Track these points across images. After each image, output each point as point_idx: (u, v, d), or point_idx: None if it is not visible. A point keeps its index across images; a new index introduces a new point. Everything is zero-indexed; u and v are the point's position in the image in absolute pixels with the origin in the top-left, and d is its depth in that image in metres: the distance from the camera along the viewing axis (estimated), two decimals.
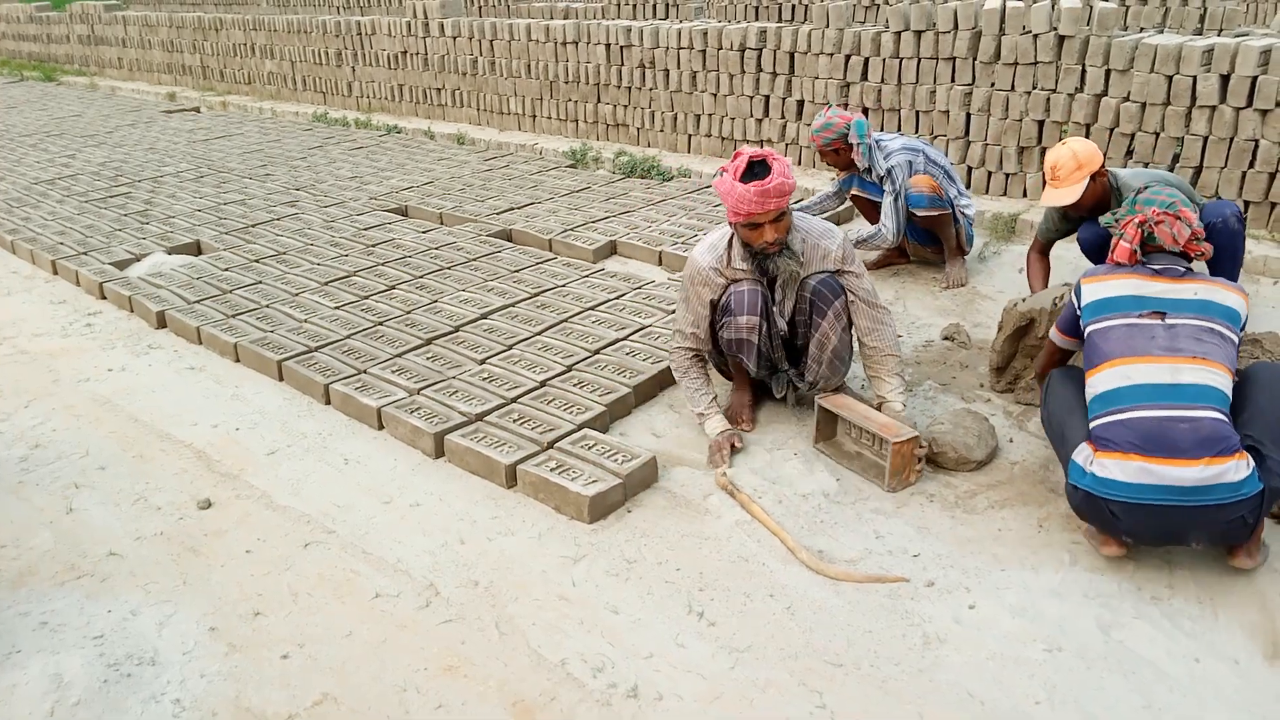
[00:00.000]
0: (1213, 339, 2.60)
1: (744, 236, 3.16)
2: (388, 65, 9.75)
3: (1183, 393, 2.50)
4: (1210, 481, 2.39)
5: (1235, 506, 2.41)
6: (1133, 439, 2.48)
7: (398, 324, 4.30)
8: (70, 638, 2.52)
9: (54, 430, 3.64)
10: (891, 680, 2.29)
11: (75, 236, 5.86)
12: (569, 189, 6.68)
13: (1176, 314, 2.64)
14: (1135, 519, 2.48)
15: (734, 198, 3.02)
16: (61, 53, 15.30)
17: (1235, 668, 2.29)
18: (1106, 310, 2.73)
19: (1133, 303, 2.70)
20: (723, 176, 3.07)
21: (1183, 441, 2.43)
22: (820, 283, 3.25)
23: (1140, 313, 2.67)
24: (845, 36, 6.45)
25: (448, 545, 2.86)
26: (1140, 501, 2.45)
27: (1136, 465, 2.45)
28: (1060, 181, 3.69)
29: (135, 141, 9.05)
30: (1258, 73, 4.90)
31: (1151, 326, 2.64)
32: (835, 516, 2.92)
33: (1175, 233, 2.73)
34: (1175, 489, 2.41)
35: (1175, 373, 2.53)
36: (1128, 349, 2.62)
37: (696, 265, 3.30)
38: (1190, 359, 2.55)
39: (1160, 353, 2.58)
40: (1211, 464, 2.40)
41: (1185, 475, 2.40)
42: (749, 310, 3.23)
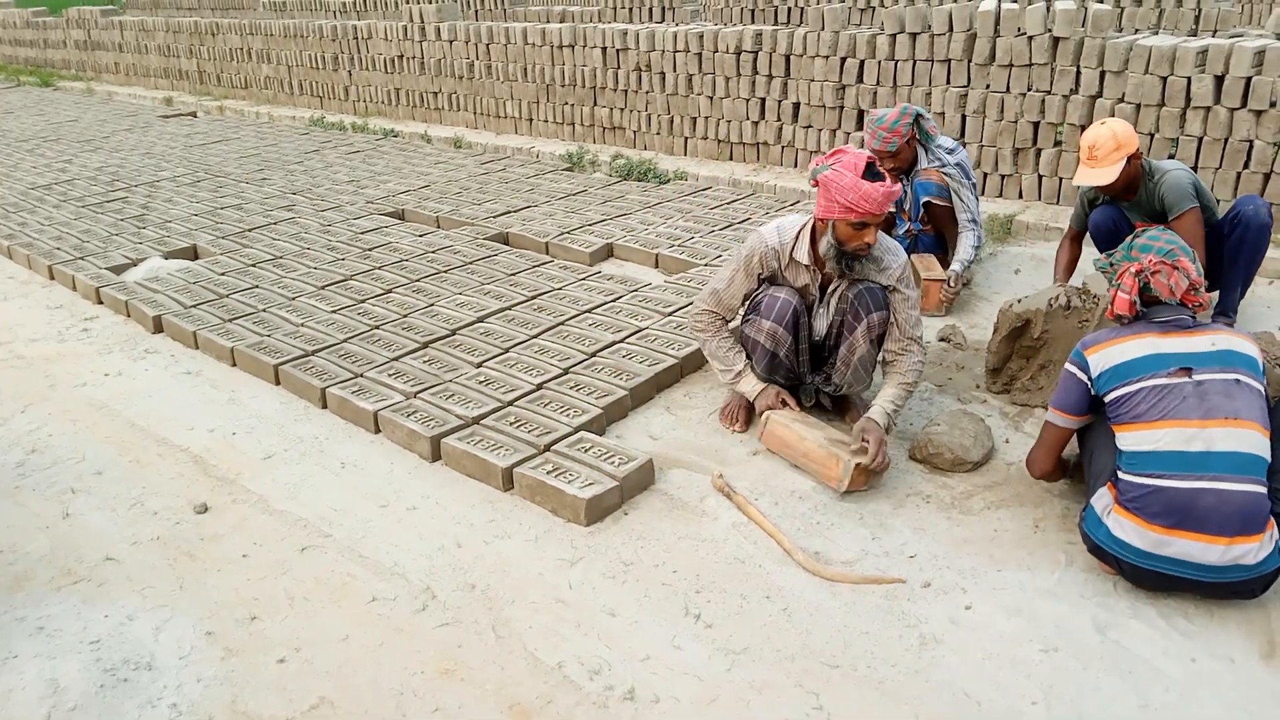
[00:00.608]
0: (1242, 393, 2.45)
1: (842, 235, 3.05)
2: (384, 69, 9.76)
3: (1214, 463, 2.37)
4: (1229, 563, 2.34)
5: (1248, 583, 2.39)
6: (1157, 509, 2.39)
7: (394, 327, 4.30)
8: (67, 643, 2.52)
9: (50, 435, 3.64)
10: (888, 681, 2.29)
11: (72, 241, 5.86)
12: (566, 192, 6.69)
13: (1201, 369, 2.47)
14: (1142, 577, 2.48)
15: (855, 194, 2.92)
16: (58, 58, 15.30)
17: (1231, 667, 2.29)
18: (1128, 375, 2.53)
19: (1156, 362, 2.51)
20: (836, 170, 2.97)
21: (1209, 517, 2.34)
22: (865, 290, 3.18)
23: (1167, 371, 2.48)
24: (841, 39, 6.46)
25: (444, 549, 2.86)
26: (1150, 568, 2.43)
27: (1156, 537, 2.39)
28: (1098, 161, 3.67)
29: (132, 146, 9.06)
30: (1252, 73, 4.92)
31: (1180, 386, 2.46)
32: (831, 518, 2.92)
33: (1173, 284, 2.55)
34: (1190, 565, 2.38)
35: (1208, 440, 2.39)
36: (1158, 412, 2.45)
37: (761, 240, 3.25)
38: (1224, 420, 2.40)
39: (1193, 415, 2.41)
40: (1234, 544, 2.33)
41: (1205, 555, 2.35)
42: (776, 318, 3.21)
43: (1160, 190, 3.80)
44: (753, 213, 5.95)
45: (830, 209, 3.01)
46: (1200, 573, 2.38)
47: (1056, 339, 3.47)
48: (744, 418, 3.47)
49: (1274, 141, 4.93)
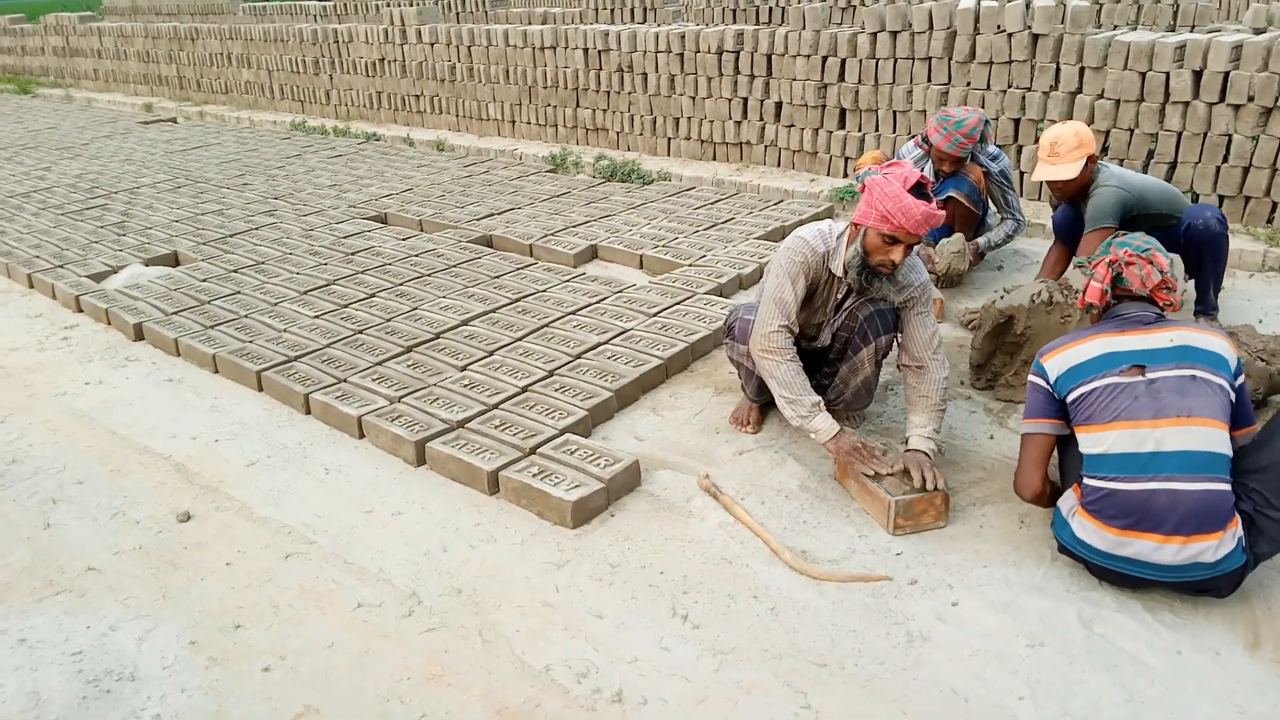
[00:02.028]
0: (1198, 389, 2.41)
1: (870, 245, 2.91)
2: (365, 73, 9.72)
3: (1165, 463, 2.36)
4: (1185, 561, 2.35)
5: (1210, 580, 2.40)
6: (1113, 512, 2.41)
7: (378, 332, 4.28)
8: (48, 654, 2.49)
9: (30, 445, 3.60)
10: (876, 679, 2.29)
11: (51, 249, 5.81)
12: (549, 194, 6.68)
13: (1156, 366, 2.45)
14: (1108, 577, 2.52)
15: (896, 205, 2.78)
16: (36, 65, 15.19)
17: (1216, 659, 2.30)
18: (1082, 375, 2.53)
19: (1109, 360, 2.50)
20: (885, 178, 2.84)
21: (1163, 518, 2.35)
22: (877, 313, 3.10)
23: (1119, 369, 2.48)
24: (822, 38, 6.47)
25: (430, 553, 2.85)
26: (1113, 569, 2.47)
27: (1114, 538, 2.41)
28: (1060, 158, 3.79)
29: (111, 153, 8.99)
30: (1229, 68, 4.95)
31: (1132, 385, 2.44)
32: (818, 516, 2.92)
33: (1144, 275, 2.56)
34: (1148, 565, 2.40)
35: (1159, 440, 2.37)
36: (1110, 413, 2.45)
37: (806, 244, 3.06)
38: (1175, 419, 2.38)
39: (1144, 415, 2.40)
40: (1189, 542, 2.33)
41: (1160, 554, 2.36)
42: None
43: (1091, 201, 3.87)
44: (736, 212, 5.95)
45: (867, 214, 2.87)
46: (1158, 572, 2.39)
47: (1039, 335, 3.48)
48: (756, 419, 3.44)
49: (1252, 135, 4.97)
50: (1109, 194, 3.81)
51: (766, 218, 5.81)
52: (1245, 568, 2.40)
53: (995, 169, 4.61)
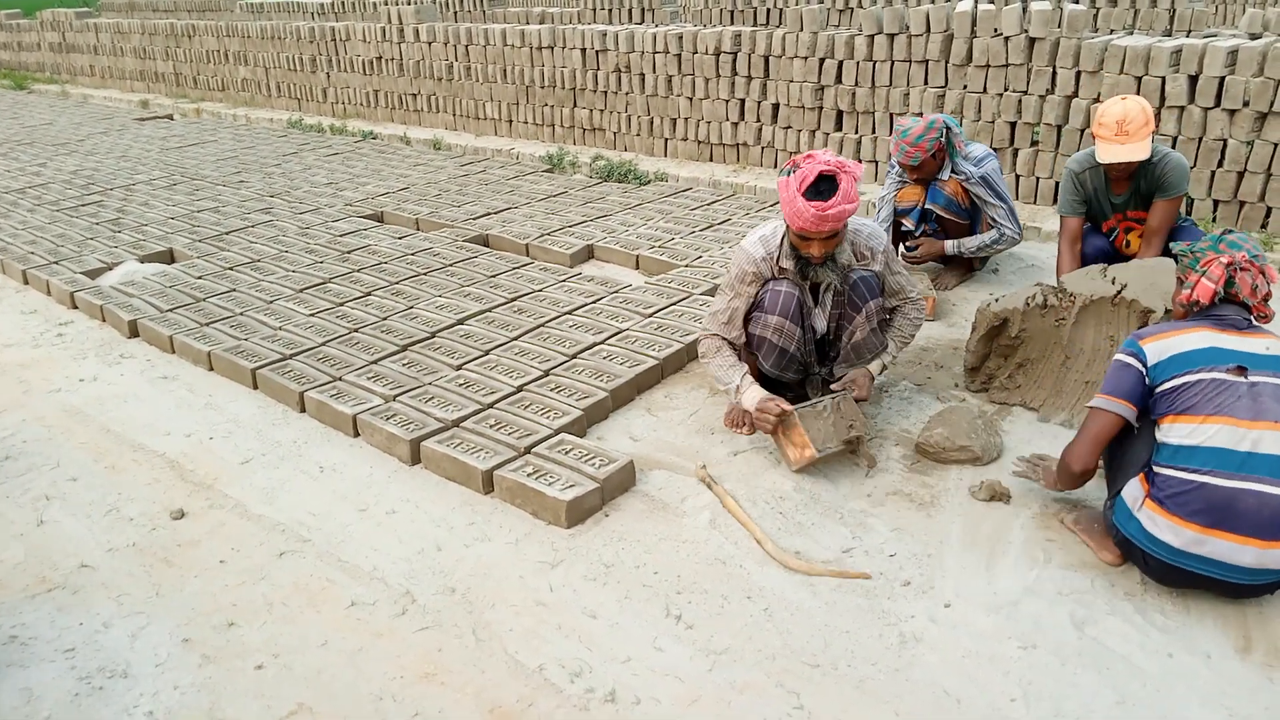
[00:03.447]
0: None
1: (795, 242, 3.14)
2: (363, 71, 9.71)
3: (1259, 464, 2.33)
4: (1261, 566, 2.32)
5: (1271, 585, 2.40)
6: (1196, 507, 2.35)
7: (373, 330, 4.28)
8: (41, 651, 2.49)
9: (24, 442, 3.59)
10: (868, 680, 2.29)
11: (46, 246, 5.80)
12: (546, 193, 6.68)
13: (1257, 370, 2.42)
14: (1168, 574, 2.46)
15: (792, 210, 2.96)
16: (32, 60, 15.15)
17: (1208, 662, 2.31)
18: (1188, 365, 2.47)
19: (1215, 355, 2.46)
20: (787, 179, 2.98)
21: (1247, 518, 2.31)
22: (861, 280, 3.24)
23: (1225, 367, 2.43)
24: (819, 40, 6.48)
25: (424, 552, 2.85)
26: (1180, 566, 2.41)
27: (1192, 535, 2.36)
28: (1130, 136, 3.56)
29: (107, 149, 8.97)
30: (1225, 73, 4.97)
31: (1236, 384, 2.41)
32: (812, 517, 2.93)
33: (1256, 284, 2.52)
34: (1222, 565, 2.35)
35: (1255, 442, 2.35)
36: (1210, 406, 2.40)
37: (746, 255, 3.26)
38: (1273, 424, 2.36)
39: (1244, 415, 2.37)
40: (1269, 548, 2.30)
41: (1240, 556, 2.32)
42: (781, 312, 3.22)
43: (1163, 168, 3.77)
44: (733, 213, 5.96)
45: (783, 214, 3.08)
46: (1231, 573, 2.36)
47: (1034, 337, 3.49)
48: (750, 421, 3.46)
49: (1247, 140, 4.99)
50: (1181, 160, 3.73)
51: (763, 219, 5.81)
52: None
53: (975, 174, 4.44)
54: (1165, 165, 3.80)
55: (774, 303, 3.23)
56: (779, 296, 3.23)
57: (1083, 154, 4.04)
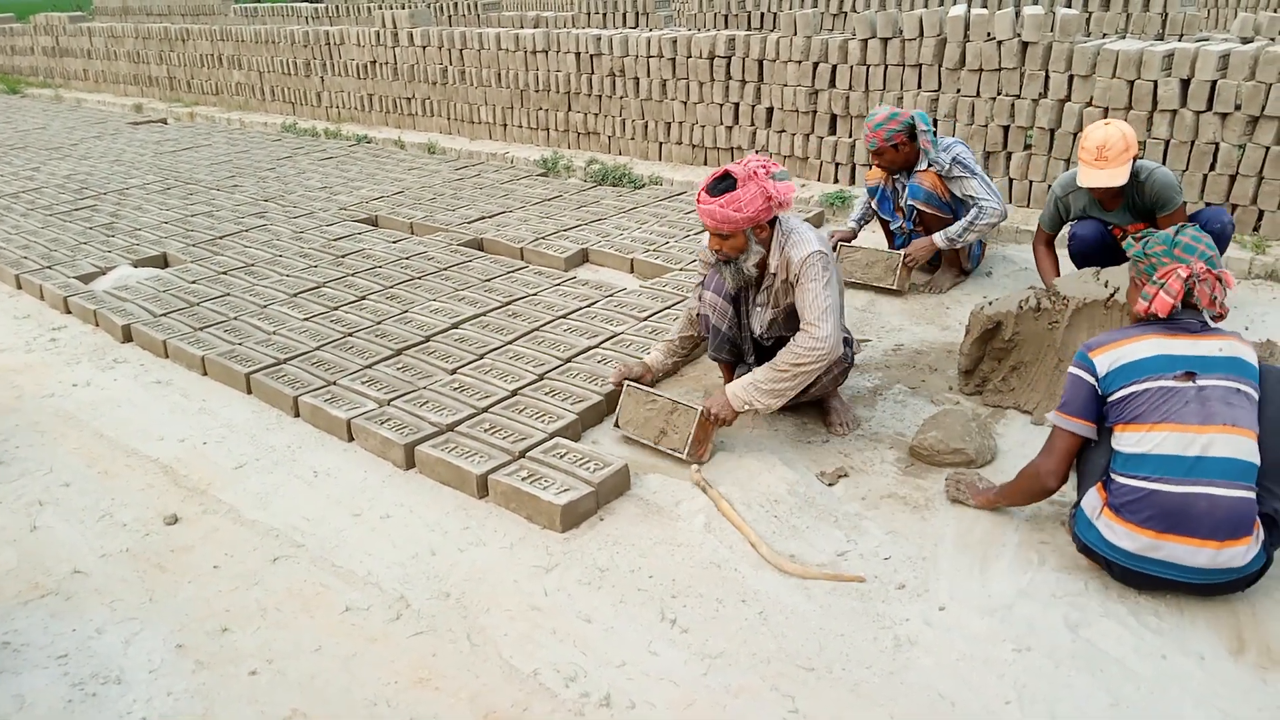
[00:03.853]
0: (1240, 401, 2.45)
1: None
2: (357, 75, 9.71)
3: (1209, 468, 2.38)
4: (1219, 566, 2.37)
5: (1235, 583, 2.44)
6: (1149, 513, 2.40)
7: (368, 335, 4.28)
8: (34, 657, 2.48)
9: (17, 447, 3.58)
10: (863, 684, 2.29)
11: (39, 250, 5.78)
12: (540, 197, 6.68)
13: (1206, 374, 2.45)
14: (1132, 578, 2.51)
15: (697, 204, 3.14)
16: (26, 64, 15.12)
17: (1201, 664, 2.31)
18: (1135, 375, 2.50)
19: (1163, 363, 2.48)
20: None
21: (1200, 521, 2.35)
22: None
23: (1173, 374, 2.46)
24: (813, 44, 6.49)
25: (419, 557, 2.84)
26: (1140, 571, 2.46)
27: (1147, 541, 2.40)
28: (1109, 162, 3.65)
29: (101, 154, 8.96)
30: (1217, 77, 4.99)
31: (1184, 391, 2.44)
32: (806, 520, 2.93)
33: (1215, 295, 2.51)
34: (1179, 568, 2.40)
35: (1204, 446, 2.38)
36: (1159, 414, 2.44)
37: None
38: (1222, 427, 2.40)
39: (1192, 420, 2.41)
40: (1224, 548, 2.35)
41: (1196, 558, 2.37)
42: (715, 289, 3.36)
43: (1151, 186, 3.88)
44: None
45: None
46: (1189, 575, 2.41)
47: (1027, 340, 3.50)
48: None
49: (1239, 144, 5.00)
50: (1167, 175, 3.86)
51: None
52: (1266, 566, 2.44)
53: (945, 160, 4.49)
54: (1153, 184, 3.90)
55: (711, 279, 3.37)
56: (713, 276, 3.36)
57: (1068, 175, 4.19)
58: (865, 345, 4.14)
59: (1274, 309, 4.38)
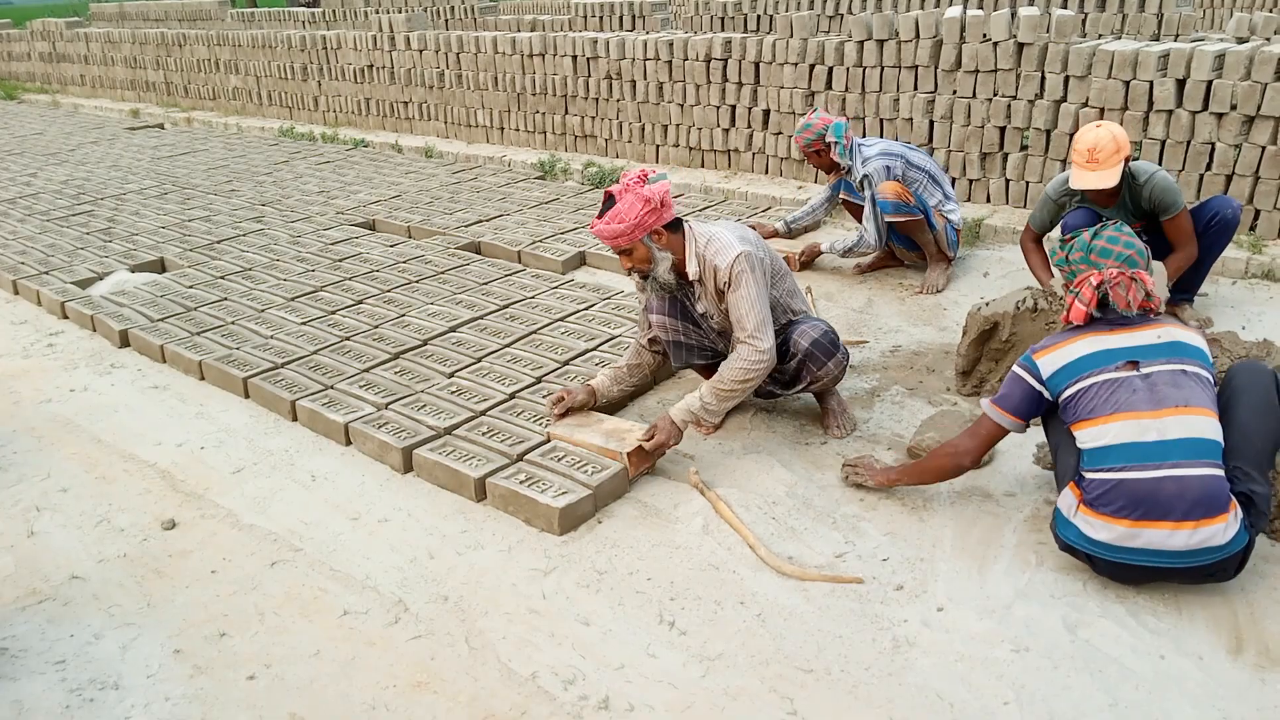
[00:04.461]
0: (1190, 382, 2.49)
1: None
2: (354, 79, 9.71)
3: (1170, 450, 2.41)
4: (1197, 546, 2.38)
5: (1221, 563, 2.43)
6: (1122, 503, 2.42)
7: (365, 338, 4.27)
8: (31, 663, 2.48)
9: (15, 453, 3.58)
10: (862, 685, 2.29)
11: (36, 256, 5.78)
12: (538, 200, 6.68)
13: (1149, 361, 2.51)
14: (1118, 571, 2.52)
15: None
16: (23, 70, 15.12)
17: (1199, 664, 2.31)
18: (1077, 372, 2.57)
19: (1103, 357, 2.55)
20: None
21: (1171, 504, 2.38)
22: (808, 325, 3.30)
23: (1114, 365, 2.52)
24: (809, 46, 6.50)
25: (416, 560, 2.84)
26: (1123, 562, 2.47)
27: (1124, 530, 2.42)
28: (1099, 164, 3.71)
29: (98, 159, 8.96)
30: (1212, 77, 5.00)
31: (1129, 380, 2.49)
32: (805, 522, 2.93)
33: (1131, 297, 2.56)
34: (1161, 553, 2.41)
35: (1162, 429, 2.42)
36: (1110, 406, 2.49)
37: None
38: (1174, 409, 2.44)
39: (1144, 407, 2.45)
40: (1200, 527, 2.36)
41: (1173, 540, 2.38)
42: (658, 310, 3.35)
43: (1150, 191, 3.89)
44: (725, 219, 5.96)
45: None
46: (1171, 559, 2.41)
47: (1024, 340, 3.50)
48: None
49: (1235, 144, 5.01)
50: (1165, 179, 3.88)
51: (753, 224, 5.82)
52: (1250, 546, 2.45)
53: (859, 174, 4.71)
54: (1153, 188, 3.89)
55: (652, 303, 3.36)
56: (651, 299, 3.35)
57: (1062, 177, 4.19)
58: (863, 346, 4.14)
59: (1270, 308, 4.39)
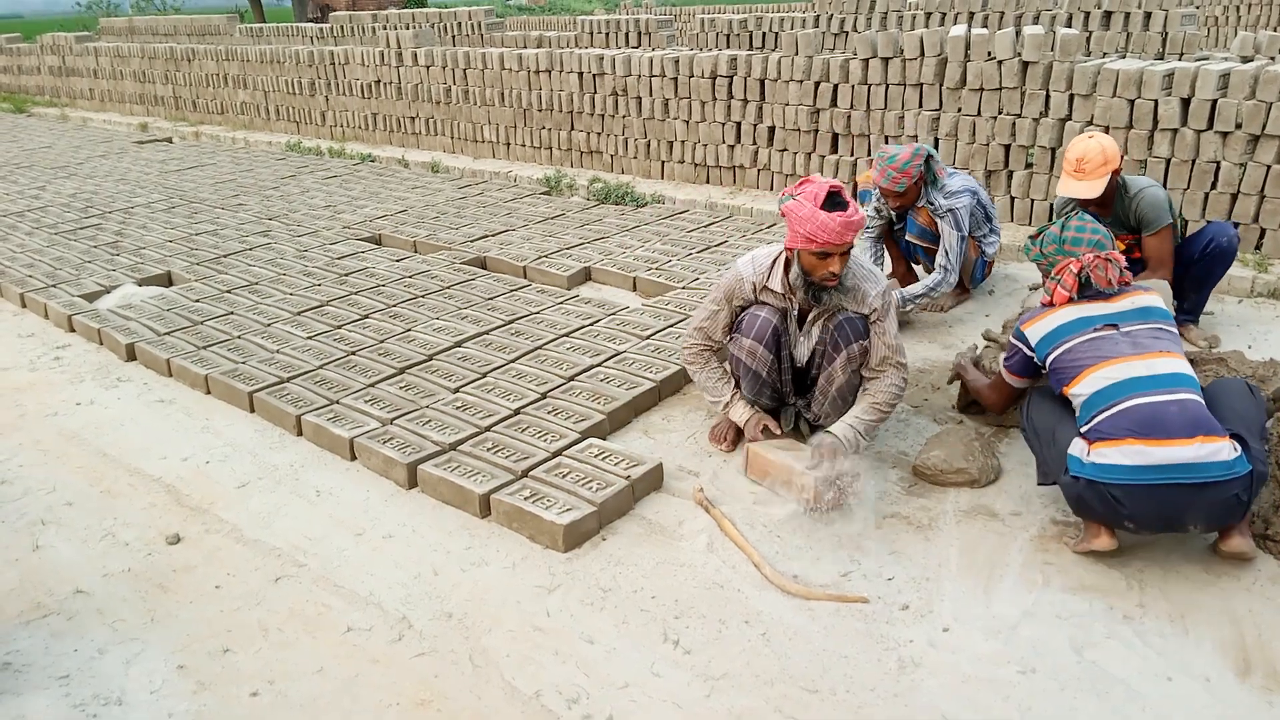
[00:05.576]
0: (1166, 336, 2.79)
1: (807, 265, 3.09)
2: (361, 94, 9.77)
3: (1162, 380, 2.64)
4: (1206, 459, 2.49)
5: (1230, 484, 2.50)
6: (1128, 426, 2.58)
7: (371, 353, 4.28)
8: (35, 678, 2.47)
9: (20, 466, 3.58)
10: (867, 706, 2.28)
11: (44, 269, 5.80)
12: (543, 216, 6.70)
13: (1127, 323, 2.81)
14: (1137, 502, 2.55)
15: (814, 225, 2.95)
16: (32, 84, 15.22)
17: (1207, 685, 2.30)
18: (1060, 336, 2.86)
19: (1083, 323, 2.84)
20: (797, 201, 3.02)
21: (1175, 422, 2.54)
22: (846, 320, 3.18)
23: (1094, 328, 2.81)
24: (814, 64, 6.53)
25: (421, 577, 2.84)
26: (1141, 483, 2.53)
27: (1135, 449, 2.54)
28: (1085, 174, 3.82)
29: (106, 172, 9.00)
30: (1217, 96, 5.01)
31: (1110, 336, 2.79)
32: (810, 542, 2.92)
33: (1110, 276, 2.86)
34: (1174, 467, 2.51)
35: (1150, 365, 2.67)
36: (1098, 356, 2.75)
37: (736, 273, 3.32)
38: (1157, 354, 2.71)
39: (1129, 353, 2.72)
40: (1205, 442, 2.51)
41: (1182, 454, 2.50)
42: (755, 336, 3.25)
43: (1137, 206, 3.95)
44: (729, 235, 5.98)
45: (794, 239, 3.05)
46: (1185, 473, 2.50)
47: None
48: (732, 437, 3.48)
49: (1240, 162, 5.02)
50: (1160, 193, 3.93)
51: (759, 241, 5.84)
52: (1252, 478, 2.53)
53: (944, 208, 4.36)
54: (1140, 203, 3.96)
55: (750, 326, 3.26)
56: (756, 321, 3.26)
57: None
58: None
59: (1276, 327, 4.38)
